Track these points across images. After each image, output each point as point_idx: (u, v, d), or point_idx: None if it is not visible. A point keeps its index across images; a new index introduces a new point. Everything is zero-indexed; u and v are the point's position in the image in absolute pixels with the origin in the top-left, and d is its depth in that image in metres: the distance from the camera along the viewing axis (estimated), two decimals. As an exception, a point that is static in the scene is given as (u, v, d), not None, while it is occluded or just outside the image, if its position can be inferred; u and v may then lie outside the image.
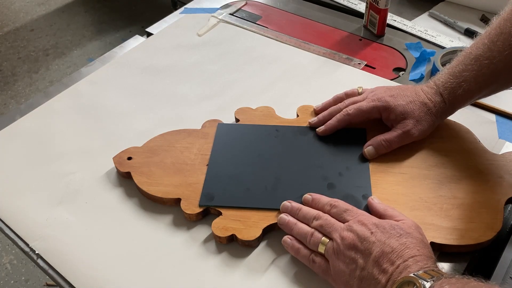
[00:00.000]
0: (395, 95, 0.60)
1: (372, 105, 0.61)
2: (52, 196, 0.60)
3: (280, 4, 0.95)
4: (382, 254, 0.44)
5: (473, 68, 0.56)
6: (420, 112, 0.59)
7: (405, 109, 0.59)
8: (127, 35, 2.14)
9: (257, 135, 0.64)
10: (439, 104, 0.59)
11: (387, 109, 0.60)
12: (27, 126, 0.70)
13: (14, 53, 2.19)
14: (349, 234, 0.47)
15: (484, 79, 0.56)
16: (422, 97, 0.59)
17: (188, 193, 0.57)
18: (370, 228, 0.46)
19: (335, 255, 0.47)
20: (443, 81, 0.59)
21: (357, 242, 0.46)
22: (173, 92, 0.75)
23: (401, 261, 0.43)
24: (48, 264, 0.53)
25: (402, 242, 0.45)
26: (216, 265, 0.52)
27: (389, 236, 0.45)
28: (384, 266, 0.43)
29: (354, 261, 0.45)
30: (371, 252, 0.45)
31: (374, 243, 0.45)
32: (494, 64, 0.55)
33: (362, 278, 0.44)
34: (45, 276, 1.33)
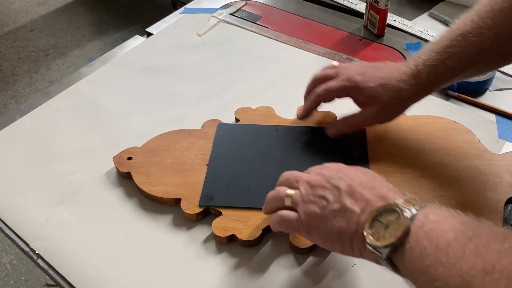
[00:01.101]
0: (366, 75, 0.57)
1: (340, 85, 0.58)
2: (52, 196, 0.60)
3: (280, 4, 0.95)
4: (353, 186, 0.43)
5: (459, 44, 0.52)
6: (389, 97, 0.56)
7: (373, 93, 0.56)
8: (127, 35, 2.14)
9: (257, 135, 0.64)
10: (414, 87, 0.55)
11: (355, 90, 0.58)
12: (27, 126, 0.70)
13: (14, 53, 2.19)
14: (315, 176, 0.46)
15: (470, 57, 0.53)
16: (395, 80, 0.56)
17: (188, 193, 0.57)
18: (335, 168, 0.46)
19: (303, 202, 0.45)
20: (425, 59, 0.55)
21: (323, 182, 0.44)
22: (173, 92, 0.75)
23: (375, 191, 0.42)
24: (48, 264, 0.53)
25: (369, 177, 0.44)
26: (216, 265, 0.52)
27: (355, 172, 0.44)
28: (357, 196, 0.42)
29: (324, 198, 0.43)
30: (340, 186, 0.43)
31: (341, 179, 0.44)
32: (481, 42, 0.51)
33: (335, 212, 0.42)
34: (45, 276, 1.33)
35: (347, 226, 0.41)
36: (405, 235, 0.36)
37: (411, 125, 0.64)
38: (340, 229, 0.42)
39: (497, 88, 0.72)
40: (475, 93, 0.71)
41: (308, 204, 0.44)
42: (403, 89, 0.55)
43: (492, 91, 0.72)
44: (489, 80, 0.71)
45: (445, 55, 0.53)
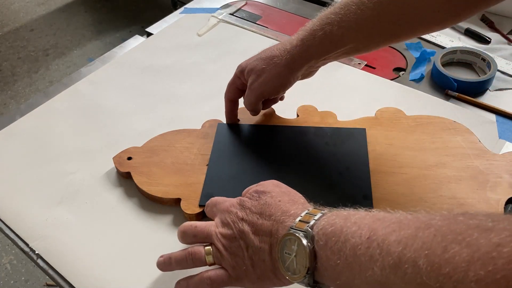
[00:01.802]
0: (251, 58, 0.60)
1: (233, 77, 0.62)
2: (52, 196, 0.60)
3: (280, 4, 0.95)
4: (254, 222, 0.43)
5: (339, 12, 0.52)
6: (263, 65, 0.57)
7: (250, 67, 0.59)
8: (127, 35, 2.14)
9: (257, 135, 0.64)
10: (289, 51, 0.56)
11: (241, 72, 0.60)
12: (27, 126, 0.70)
13: (14, 53, 2.19)
14: (221, 229, 0.45)
15: (349, 25, 0.51)
16: (270, 50, 0.58)
17: (188, 193, 0.57)
18: (232, 210, 0.45)
19: (226, 256, 0.44)
20: (305, 26, 0.56)
21: (229, 230, 0.44)
22: (173, 92, 0.75)
23: (273, 218, 0.41)
24: (48, 264, 0.53)
25: (263, 203, 0.43)
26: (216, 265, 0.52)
27: (250, 205, 0.44)
28: (260, 232, 0.42)
29: (239, 248, 0.43)
30: (244, 229, 0.43)
31: (242, 220, 0.44)
32: (361, 10, 0.50)
33: (251, 256, 0.42)
34: (45, 276, 1.33)
35: (265, 265, 0.42)
36: (313, 259, 0.36)
37: (411, 125, 0.64)
38: (263, 271, 0.42)
39: (497, 88, 0.72)
40: (475, 93, 0.71)
41: (232, 257, 0.44)
42: (277, 55, 0.56)
43: (492, 91, 0.72)
44: (489, 80, 0.71)
45: (325, 21, 0.53)
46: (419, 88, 0.73)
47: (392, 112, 0.66)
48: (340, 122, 0.65)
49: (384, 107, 0.67)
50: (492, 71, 0.71)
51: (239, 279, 0.44)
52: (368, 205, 0.54)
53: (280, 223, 0.41)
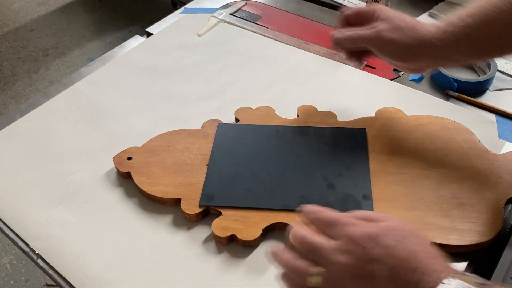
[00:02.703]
0: (397, 32, 0.54)
1: (368, 37, 0.56)
2: (52, 196, 0.60)
3: (280, 4, 0.95)
4: (391, 270, 0.36)
5: (495, 12, 0.51)
6: (402, 23, 0.54)
7: (389, 17, 0.55)
8: (127, 35, 2.14)
9: (257, 135, 0.64)
10: (429, 34, 0.53)
11: (373, 11, 0.57)
12: (27, 126, 0.70)
13: (14, 53, 2.19)
14: (341, 257, 0.38)
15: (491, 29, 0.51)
16: (416, 21, 0.55)
17: (188, 193, 0.57)
18: (363, 243, 0.37)
19: (334, 286, 0.38)
20: (454, 20, 0.54)
21: (354, 266, 0.37)
22: (173, 92, 0.75)
23: (418, 275, 0.35)
24: (48, 264, 0.53)
25: (407, 248, 0.37)
26: (216, 265, 0.52)
27: (389, 245, 0.37)
28: (399, 286, 0.36)
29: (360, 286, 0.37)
30: (374, 272, 0.36)
31: (375, 261, 0.37)
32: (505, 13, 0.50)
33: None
34: (45, 276, 1.33)
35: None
36: None
37: (411, 125, 0.64)
38: None
39: (497, 88, 0.72)
40: (475, 93, 0.71)
41: None
42: (419, 30, 0.53)
43: (492, 91, 0.72)
44: (489, 80, 0.71)
45: (464, 22, 0.53)
46: (419, 88, 0.73)
47: (392, 112, 0.66)
48: (340, 122, 0.65)
49: (384, 107, 0.67)
50: (492, 71, 0.71)
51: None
52: (368, 205, 0.54)
53: (427, 283, 0.35)
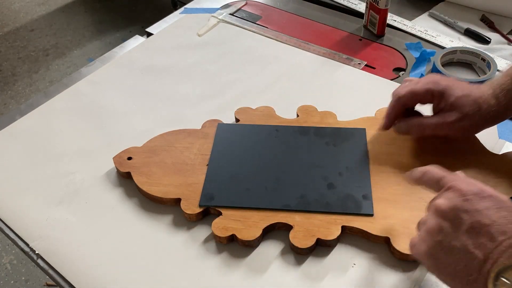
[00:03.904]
0: (451, 85, 0.56)
1: (426, 88, 0.56)
2: (52, 196, 0.60)
3: (280, 4, 0.95)
4: (479, 225, 0.37)
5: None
6: (469, 109, 0.54)
7: (456, 102, 0.54)
8: (127, 35, 2.14)
9: (257, 135, 0.64)
10: (492, 108, 0.54)
11: (441, 95, 0.55)
12: (27, 126, 0.70)
13: (14, 53, 2.19)
14: (440, 201, 0.40)
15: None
16: (477, 95, 0.54)
17: (188, 193, 0.57)
18: (465, 194, 0.39)
19: (421, 225, 0.42)
20: (499, 82, 0.55)
21: (446, 209, 0.39)
22: (173, 92, 0.75)
23: (504, 237, 0.35)
24: (48, 264, 0.53)
25: (503, 215, 0.37)
26: (216, 265, 0.52)
27: (487, 206, 0.38)
28: (481, 240, 0.36)
29: (440, 230, 0.39)
30: (462, 221, 0.38)
31: (467, 212, 0.38)
32: None
33: (451, 250, 0.38)
34: (45, 276, 1.33)
35: (465, 270, 0.37)
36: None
37: (411, 125, 0.63)
38: (457, 270, 0.38)
39: (497, 88, 0.72)
40: (475, 93, 0.71)
41: (423, 231, 0.41)
42: (483, 107, 0.54)
43: (492, 91, 0.72)
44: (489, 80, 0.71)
45: None
46: (419, 88, 0.72)
47: (392, 112, 0.66)
48: (340, 122, 0.65)
49: (384, 107, 0.66)
50: (492, 71, 0.71)
51: (422, 256, 0.41)
52: (368, 205, 0.54)
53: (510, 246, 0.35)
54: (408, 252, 0.49)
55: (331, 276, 0.50)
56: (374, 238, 0.52)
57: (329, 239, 0.52)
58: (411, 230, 0.51)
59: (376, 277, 0.50)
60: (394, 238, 0.51)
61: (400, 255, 0.50)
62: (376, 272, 0.50)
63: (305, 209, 0.54)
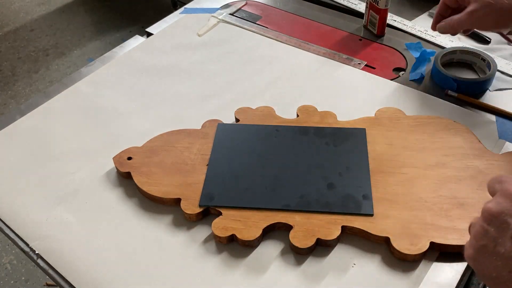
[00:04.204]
0: (484, 6, 0.61)
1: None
2: (52, 196, 0.60)
3: (280, 4, 0.95)
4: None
5: None
6: (494, 3, 0.59)
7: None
8: (127, 35, 2.14)
9: (257, 135, 0.64)
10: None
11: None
12: (27, 126, 0.70)
13: (14, 53, 2.19)
14: (490, 205, 0.39)
15: None
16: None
17: (188, 193, 0.57)
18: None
19: (471, 228, 0.40)
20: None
21: (494, 213, 0.38)
22: (173, 92, 0.75)
23: None
24: (48, 264, 0.53)
25: None
26: (216, 265, 0.52)
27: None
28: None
29: (485, 234, 0.38)
30: (509, 226, 0.37)
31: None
32: None
33: (495, 255, 0.37)
34: (45, 276, 1.33)
35: (509, 276, 0.37)
36: None
37: (411, 125, 0.64)
38: (501, 276, 0.37)
39: (497, 88, 0.72)
40: (475, 93, 0.71)
41: (471, 234, 0.40)
42: None
43: (492, 91, 0.72)
44: (489, 80, 0.71)
45: None
46: (419, 88, 0.73)
47: (392, 112, 0.66)
48: (340, 122, 0.65)
49: (384, 107, 0.67)
50: (492, 71, 0.71)
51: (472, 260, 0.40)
52: (368, 205, 0.54)
53: None
54: (408, 252, 0.50)
55: (331, 276, 0.50)
56: (374, 238, 0.52)
57: (329, 239, 0.52)
58: (411, 230, 0.52)
59: (376, 277, 0.50)
60: (394, 238, 0.51)
61: (400, 255, 0.50)
62: (376, 272, 0.50)
63: (305, 209, 0.54)
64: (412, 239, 0.51)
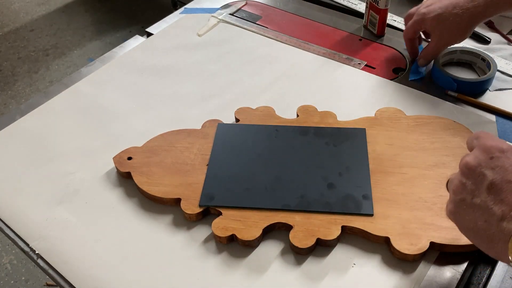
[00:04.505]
0: (431, 6, 0.68)
1: (412, 22, 0.71)
2: (52, 196, 0.60)
3: (280, 4, 0.95)
4: (501, 181, 0.37)
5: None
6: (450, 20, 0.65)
7: (434, 17, 0.67)
8: (127, 35, 2.14)
9: (257, 135, 0.64)
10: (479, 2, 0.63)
11: (422, 22, 0.69)
12: (27, 126, 0.70)
13: (14, 53, 2.19)
14: (467, 158, 0.41)
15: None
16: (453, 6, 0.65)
17: (188, 193, 0.57)
18: (493, 152, 0.39)
19: (449, 184, 0.42)
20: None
21: (471, 167, 0.39)
22: (173, 92, 0.75)
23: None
24: (48, 264, 0.53)
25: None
26: (216, 265, 0.52)
27: None
28: (501, 196, 0.36)
29: (463, 188, 0.39)
30: (485, 177, 0.38)
31: (492, 169, 0.38)
32: None
33: (472, 206, 0.38)
34: (45, 276, 1.33)
35: (485, 225, 0.38)
36: None
37: (411, 125, 0.64)
38: (478, 226, 0.38)
39: (497, 88, 0.72)
40: (475, 93, 0.71)
41: (451, 189, 0.41)
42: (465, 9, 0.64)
43: (492, 91, 0.72)
44: (489, 80, 0.71)
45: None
46: (419, 88, 0.73)
47: (392, 112, 0.66)
48: (340, 122, 0.65)
49: (384, 107, 0.67)
50: (492, 71, 0.71)
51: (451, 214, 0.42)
52: (368, 205, 0.54)
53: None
54: (408, 252, 0.50)
55: (331, 276, 0.50)
56: (374, 238, 0.52)
57: (329, 239, 0.52)
58: (411, 230, 0.52)
59: (376, 277, 0.50)
60: (394, 238, 0.51)
61: (400, 255, 0.50)
62: (376, 272, 0.50)
63: (305, 209, 0.54)
64: (412, 239, 0.51)
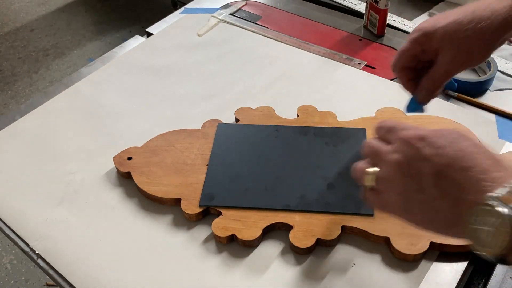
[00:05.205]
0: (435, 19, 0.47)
1: (409, 40, 0.49)
2: (52, 196, 0.60)
3: (280, 4, 0.95)
4: (441, 171, 0.35)
5: None
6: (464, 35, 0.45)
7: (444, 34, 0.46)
8: (127, 35, 2.14)
9: (257, 135, 0.64)
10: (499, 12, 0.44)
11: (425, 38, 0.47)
12: (27, 126, 0.70)
13: (14, 53, 2.19)
14: (393, 156, 0.39)
15: None
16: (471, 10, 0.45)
17: (188, 193, 0.57)
18: (415, 143, 0.37)
19: (385, 184, 0.40)
20: None
21: (404, 163, 0.37)
22: (173, 92, 0.75)
23: (466, 177, 0.33)
24: (48, 264, 0.53)
25: (457, 149, 0.35)
26: (216, 265, 0.52)
27: (440, 145, 0.36)
28: (445, 185, 0.35)
29: (406, 187, 0.37)
30: (421, 170, 0.36)
31: (424, 160, 0.36)
32: None
33: (422, 202, 0.37)
34: (45, 276, 1.33)
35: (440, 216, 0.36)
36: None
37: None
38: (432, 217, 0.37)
39: (497, 88, 0.72)
40: (475, 93, 0.71)
41: (390, 191, 0.39)
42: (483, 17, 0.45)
43: (492, 91, 0.72)
44: (489, 80, 0.71)
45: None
46: (419, 88, 0.72)
47: (392, 112, 0.66)
48: (340, 122, 0.65)
49: (384, 107, 0.67)
50: (492, 71, 0.71)
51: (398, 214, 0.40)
52: (368, 205, 0.54)
53: (476, 182, 0.33)
54: (408, 252, 0.50)
55: (331, 276, 0.50)
56: (374, 238, 0.52)
57: (329, 239, 0.52)
58: (411, 230, 0.51)
59: (376, 277, 0.50)
60: (394, 238, 0.51)
61: (400, 255, 0.50)
62: (376, 272, 0.50)
63: (305, 209, 0.54)
64: (412, 239, 0.51)
